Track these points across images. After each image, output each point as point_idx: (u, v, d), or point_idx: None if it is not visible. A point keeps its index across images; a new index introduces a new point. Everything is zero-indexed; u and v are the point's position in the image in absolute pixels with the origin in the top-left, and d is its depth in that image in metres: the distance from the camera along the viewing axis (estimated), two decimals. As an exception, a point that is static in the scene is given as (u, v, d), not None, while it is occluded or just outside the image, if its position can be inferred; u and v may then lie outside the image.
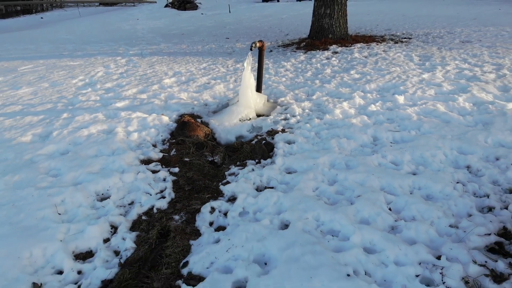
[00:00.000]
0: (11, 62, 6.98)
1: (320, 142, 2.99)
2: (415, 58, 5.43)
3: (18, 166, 2.84)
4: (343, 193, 2.33)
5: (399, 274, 1.70)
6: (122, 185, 2.53)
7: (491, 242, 1.89)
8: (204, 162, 2.89)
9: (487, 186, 2.32)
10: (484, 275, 1.68)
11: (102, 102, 4.06)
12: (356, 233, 1.94)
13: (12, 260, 1.94)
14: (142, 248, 2.03)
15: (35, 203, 2.35)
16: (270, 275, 1.73)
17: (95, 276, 1.89)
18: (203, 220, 2.23)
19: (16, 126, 3.58)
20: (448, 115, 3.31)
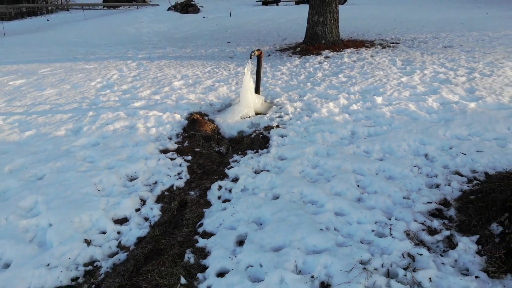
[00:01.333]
0: (29, 65, 7.57)
1: (307, 136, 3.60)
2: (398, 62, 6.03)
3: (57, 155, 3.44)
4: (322, 174, 2.94)
5: (360, 230, 2.31)
6: (147, 169, 3.14)
7: (432, 209, 2.49)
8: (212, 152, 3.49)
9: (438, 169, 2.93)
10: (421, 229, 2.29)
11: (122, 102, 4.67)
12: (330, 202, 2.54)
13: (66, 224, 2.54)
14: (166, 215, 2.64)
15: (78, 182, 2.95)
16: (264, 230, 2.34)
17: (131, 235, 2.49)
18: (213, 195, 2.84)
19: (49, 123, 4.18)
20: (417, 113, 3.91)
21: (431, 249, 2.16)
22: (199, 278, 2.08)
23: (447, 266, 2.03)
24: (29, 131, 3.99)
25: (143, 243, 2.39)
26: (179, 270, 2.12)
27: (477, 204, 2.46)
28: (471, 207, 2.45)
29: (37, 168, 3.22)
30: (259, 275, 2.04)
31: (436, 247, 2.18)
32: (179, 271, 2.11)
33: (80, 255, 2.32)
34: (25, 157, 3.42)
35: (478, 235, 2.21)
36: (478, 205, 2.45)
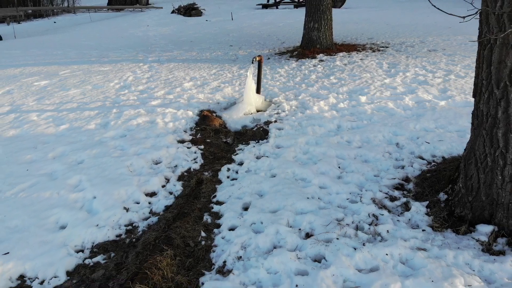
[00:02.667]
0: (48, 67, 8.25)
1: (300, 129, 4.28)
2: (384, 65, 6.71)
3: (92, 144, 4.13)
4: (311, 159, 3.62)
5: (337, 198, 2.99)
6: (168, 155, 3.82)
7: (395, 183, 3.18)
8: (220, 142, 4.18)
9: (405, 154, 3.61)
10: (385, 197, 2.97)
11: (140, 101, 5.35)
12: (315, 179, 3.23)
13: (108, 196, 3.23)
14: (186, 189, 3.32)
15: (113, 165, 3.64)
16: (263, 199, 3.02)
17: (160, 204, 3.17)
18: (223, 175, 3.52)
19: (79, 118, 4.87)
20: (394, 110, 4.60)
21: (391, 211, 2.84)
22: (215, 232, 2.77)
23: (402, 223, 2.71)
24: (63, 125, 4.67)
25: (170, 209, 3.08)
26: (200, 227, 2.81)
27: (431, 180, 3.15)
28: (426, 182, 3.14)
29: (77, 155, 3.91)
30: (260, 229, 2.72)
31: (395, 210, 2.86)
32: (199, 227, 2.80)
33: (121, 219, 3.00)
34: (64, 146, 4.11)
35: (428, 201, 2.90)
36: (431, 180, 3.14)
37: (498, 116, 2.45)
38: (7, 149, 4.20)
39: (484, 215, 2.64)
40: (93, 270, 2.58)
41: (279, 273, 2.32)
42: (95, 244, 2.78)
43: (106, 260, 2.64)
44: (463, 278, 2.17)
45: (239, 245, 2.58)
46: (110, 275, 2.51)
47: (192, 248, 2.63)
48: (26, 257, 2.66)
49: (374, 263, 2.33)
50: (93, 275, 2.53)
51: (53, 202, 3.19)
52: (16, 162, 3.89)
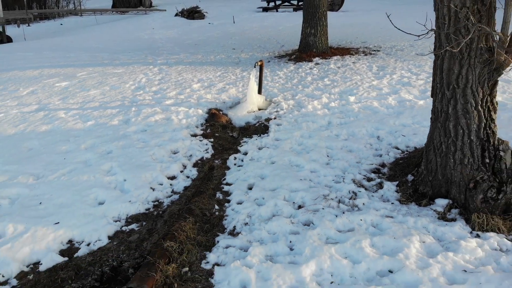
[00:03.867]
0: (65, 69, 8.92)
1: (296, 125, 4.96)
2: (374, 68, 7.38)
3: (117, 137, 4.80)
4: (304, 149, 4.30)
5: (325, 179, 3.67)
6: (184, 146, 4.50)
7: (373, 168, 3.86)
8: (227, 136, 4.86)
9: (384, 145, 4.29)
10: (363, 179, 3.65)
11: (155, 100, 6.03)
12: (307, 165, 3.91)
13: (136, 179, 3.90)
14: (201, 174, 4.00)
15: (138, 155, 4.31)
16: (265, 180, 3.70)
17: (180, 185, 3.85)
18: (231, 162, 4.21)
19: (103, 116, 5.55)
20: (378, 108, 5.27)
21: (367, 189, 3.52)
22: (225, 206, 3.45)
23: (375, 197, 3.39)
24: (90, 121, 5.35)
25: (188, 189, 3.76)
26: (214, 202, 3.49)
27: (402, 165, 3.83)
28: (398, 166, 3.82)
29: (105, 146, 4.58)
30: (262, 203, 3.39)
31: (371, 188, 3.54)
32: (213, 202, 3.48)
33: (149, 196, 3.68)
34: (93, 139, 4.79)
35: (398, 181, 3.58)
36: (402, 165, 3.82)
37: (449, 112, 3.13)
38: (43, 142, 4.87)
39: (442, 191, 3.31)
40: (129, 234, 3.25)
41: (277, 234, 3.00)
42: (129, 216, 3.46)
43: (139, 227, 3.32)
44: (419, 236, 2.85)
45: (246, 215, 3.26)
46: (143, 237, 3.19)
47: (208, 217, 3.31)
48: (73, 226, 3.33)
49: (350, 226, 3.01)
50: (129, 238, 3.21)
51: (91, 183, 3.87)
52: (53, 152, 4.56)
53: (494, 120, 3.13)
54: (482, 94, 3.01)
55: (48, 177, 4.07)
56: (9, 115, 5.90)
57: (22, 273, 2.94)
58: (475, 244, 2.75)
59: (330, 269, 2.60)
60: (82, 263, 3.00)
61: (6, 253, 3.05)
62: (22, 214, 3.48)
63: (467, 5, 2.80)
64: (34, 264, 3.03)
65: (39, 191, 3.82)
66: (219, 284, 2.57)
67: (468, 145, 3.10)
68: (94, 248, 3.14)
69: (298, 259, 2.69)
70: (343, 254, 2.71)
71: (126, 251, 3.06)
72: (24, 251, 3.09)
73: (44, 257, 3.05)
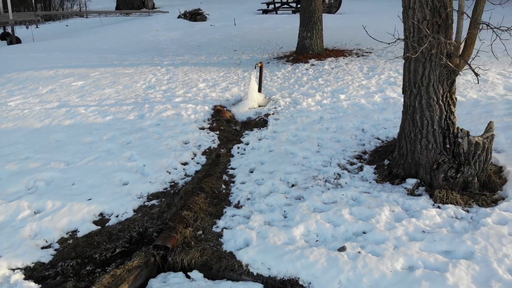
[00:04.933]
0: (78, 69, 9.57)
1: (291, 119, 5.61)
2: (365, 69, 8.03)
3: (134, 130, 5.46)
4: (298, 140, 4.96)
5: (315, 164, 4.32)
6: (193, 137, 5.15)
7: (356, 155, 4.51)
8: (231, 129, 5.52)
9: (367, 136, 4.94)
10: (347, 163, 4.30)
11: (166, 98, 6.69)
12: (300, 152, 4.56)
13: (154, 164, 4.55)
14: (209, 160, 4.66)
15: (155, 144, 4.97)
16: (264, 165, 4.36)
17: (191, 169, 4.51)
18: (234, 151, 4.86)
19: (120, 111, 6.20)
20: (365, 105, 5.93)
21: (350, 171, 4.18)
22: (231, 185, 4.11)
23: (356, 178, 4.05)
24: (108, 116, 6.00)
25: (199, 172, 4.42)
26: (221, 182, 4.14)
27: (381, 152, 4.48)
28: (377, 153, 4.48)
29: (125, 137, 5.24)
30: (261, 183, 4.05)
31: (353, 171, 4.20)
32: (221, 182, 4.13)
33: (166, 178, 4.33)
34: (113, 132, 5.44)
35: (376, 165, 4.23)
36: (381, 152, 4.48)
37: (416, 106, 3.78)
38: (69, 134, 5.52)
39: (412, 172, 3.97)
40: (151, 208, 3.91)
41: (273, 206, 3.65)
42: (150, 194, 4.12)
43: (159, 202, 3.98)
44: (389, 207, 3.50)
45: (248, 192, 3.92)
46: (163, 210, 3.85)
47: (217, 194, 3.97)
48: (103, 202, 3.99)
49: (334, 199, 3.67)
50: (152, 210, 3.87)
51: (115, 168, 4.53)
52: (79, 143, 5.22)
53: (453, 113, 3.78)
54: (442, 91, 3.66)
55: (77, 163, 4.72)
56: (34, 111, 6.55)
57: (63, 239, 3.59)
58: (435, 213, 3.40)
59: (316, 230, 3.26)
60: (113, 230, 3.66)
61: (47, 224, 3.70)
62: (58, 193, 4.14)
63: (427, 19, 3.46)
64: (72, 232, 3.68)
65: (70, 174, 4.47)
66: (227, 242, 3.23)
67: (432, 133, 3.75)
68: (122, 219, 3.79)
69: (290, 223, 3.35)
70: (327, 219, 3.37)
71: (150, 221, 3.73)
72: (63, 221, 3.75)
73: (81, 226, 3.71)
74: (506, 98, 6.04)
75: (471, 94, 6.18)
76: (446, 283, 2.64)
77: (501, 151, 4.42)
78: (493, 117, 5.32)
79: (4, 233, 3.59)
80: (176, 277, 3.06)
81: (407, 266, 2.84)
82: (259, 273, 2.94)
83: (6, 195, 4.15)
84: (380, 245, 3.02)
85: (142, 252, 3.21)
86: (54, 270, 3.25)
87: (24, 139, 5.45)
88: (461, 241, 3.02)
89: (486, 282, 2.66)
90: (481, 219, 3.28)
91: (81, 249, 3.44)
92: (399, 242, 3.06)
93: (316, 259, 2.90)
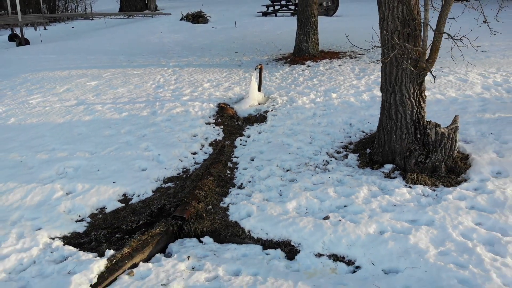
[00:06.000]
0: (91, 70, 10.25)
1: (288, 115, 6.31)
2: (356, 70, 8.72)
3: (148, 125, 6.15)
4: (293, 133, 5.65)
5: (307, 153, 5.02)
6: (201, 131, 5.85)
7: (343, 145, 5.20)
8: (234, 124, 6.22)
9: (354, 130, 5.63)
10: (334, 152, 5.00)
11: (174, 97, 7.38)
12: (295, 143, 5.26)
13: (168, 154, 5.24)
14: (215, 151, 5.36)
15: (167, 137, 5.66)
16: (263, 154, 5.06)
17: (200, 158, 5.20)
18: (237, 143, 5.56)
19: (134, 108, 6.89)
20: (354, 103, 6.62)
21: (337, 159, 4.87)
22: (235, 170, 4.80)
23: (341, 164, 4.74)
24: (124, 113, 6.69)
25: (207, 160, 5.11)
26: (226, 168, 4.84)
27: (364, 143, 5.17)
28: (361, 144, 5.17)
29: (140, 131, 5.93)
30: (261, 168, 4.74)
31: (339, 158, 4.89)
32: (226, 168, 4.83)
33: (179, 165, 5.02)
34: (129, 126, 6.13)
35: (359, 153, 4.93)
36: (364, 143, 5.17)
37: (391, 102, 4.47)
38: (90, 128, 6.21)
39: (389, 159, 4.66)
40: (167, 189, 4.60)
41: (271, 186, 4.34)
42: (165, 178, 4.81)
43: (174, 185, 4.67)
44: (368, 186, 4.19)
45: (249, 176, 4.61)
46: (178, 190, 4.54)
47: (223, 178, 4.67)
48: (126, 184, 4.68)
49: (322, 181, 4.36)
50: (168, 191, 4.56)
51: (134, 157, 5.22)
52: (100, 136, 5.90)
53: (423, 108, 4.47)
54: (413, 89, 4.35)
55: (100, 153, 5.41)
56: (55, 108, 7.24)
57: (93, 214, 4.28)
58: (405, 191, 4.09)
59: (306, 205, 3.96)
60: (135, 207, 4.36)
61: (79, 202, 4.39)
62: (86, 177, 4.83)
63: (398, 29, 4.15)
64: (101, 208, 4.37)
65: (95, 162, 5.16)
66: (232, 214, 3.93)
67: (405, 125, 4.44)
68: (142, 198, 4.49)
69: (284, 200, 4.05)
70: (315, 196, 4.06)
71: (167, 199, 4.42)
72: (93, 200, 4.43)
73: (108, 204, 4.40)
74: (482, 96, 6.73)
75: (451, 92, 6.87)
76: (408, 242, 3.33)
77: (470, 141, 5.10)
78: (467, 113, 6.03)
79: (42, 209, 4.27)
80: (191, 242, 3.75)
81: (378, 231, 3.53)
82: (258, 237, 3.63)
83: (40, 179, 4.83)
84: (358, 215, 3.72)
85: (162, 222, 3.90)
86: (88, 238, 3.94)
87: (49, 133, 6.13)
88: (424, 212, 3.71)
89: (441, 242, 3.35)
90: (444, 196, 3.97)
91: (110, 222, 4.13)
92: (373, 213, 3.75)
93: (305, 225, 3.60)
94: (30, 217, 4.15)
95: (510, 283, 2.94)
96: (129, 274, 3.29)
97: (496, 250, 3.25)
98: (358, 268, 3.25)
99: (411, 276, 3.06)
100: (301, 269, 3.28)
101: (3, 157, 5.40)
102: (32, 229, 3.94)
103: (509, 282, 2.94)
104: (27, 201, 4.40)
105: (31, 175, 4.91)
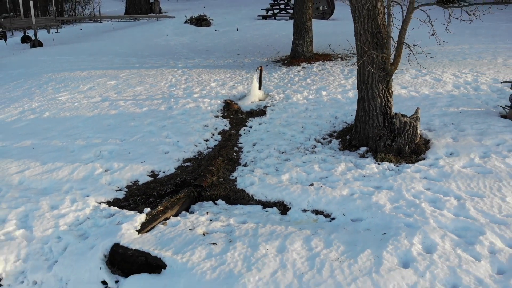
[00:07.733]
0: (107, 71, 11.39)
1: (284, 110, 7.47)
2: (345, 71, 9.87)
3: (167, 118, 7.30)
4: (288, 124, 6.81)
5: (299, 139, 6.18)
6: (211, 123, 7.01)
7: (328, 133, 6.36)
8: (238, 117, 7.38)
9: (338, 121, 6.79)
10: (321, 138, 6.16)
11: (186, 95, 8.53)
12: (289, 132, 6.42)
13: (185, 140, 6.40)
14: (223, 138, 6.52)
15: (183, 127, 6.82)
16: (263, 141, 6.23)
17: (211, 144, 6.37)
18: (242, 132, 6.73)
19: (152, 104, 8.04)
20: (340, 99, 7.77)
21: (322, 144, 6.03)
22: (240, 153, 5.96)
23: (326, 147, 5.90)
24: (144, 108, 7.85)
25: (217, 146, 6.27)
26: (233, 151, 6.00)
27: (345, 131, 6.34)
28: (343, 132, 6.33)
29: (160, 122, 7.09)
30: (261, 151, 5.90)
31: (324, 143, 6.05)
32: (233, 151, 5.99)
33: (194, 149, 6.19)
34: (151, 119, 7.29)
35: (340, 139, 6.09)
36: (345, 131, 6.33)
37: (365, 97, 5.62)
38: (117, 120, 7.36)
39: (364, 143, 5.80)
40: (187, 167, 5.76)
41: (269, 164, 5.50)
42: (184, 159, 5.97)
43: (192, 164, 5.83)
44: (345, 163, 5.34)
45: (252, 157, 5.77)
46: (195, 168, 5.70)
47: (231, 158, 5.83)
48: (153, 163, 5.82)
49: (309, 160, 5.51)
50: (187, 168, 5.72)
51: (158, 143, 6.37)
52: (126, 126, 7.05)
53: (390, 102, 5.62)
54: (381, 87, 5.50)
55: (128, 140, 6.56)
56: (83, 104, 8.39)
57: (129, 185, 5.43)
58: (374, 166, 5.24)
59: (296, 177, 5.11)
60: (162, 180, 5.51)
61: (117, 176, 5.53)
62: (120, 158, 5.98)
63: (368, 40, 5.30)
64: (135, 181, 5.51)
65: (125, 147, 6.31)
66: (239, 183, 5.08)
67: (376, 116, 5.59)
68: (167, 174, 5.64)
69: (280, 173, 5.21)
70: (303, 171, 5.21)
71: (187, 174, 5.58)
72: (127, 175, 5.58)
73: (140, 178, 5.55)
74: (451, 93, 7.88)
75: (424, 90, 8.03)
76: (371, 200, 4.48)
77: (433, 130, 6.24)
78: (435, 107, 7.18)
79: (88, 182, 5.41)
80: (208, 204, 4.90)
81: (349, 193, 4.68)
82: (259, 199, 4.79)
83: (82, 160, 5.97)
84: (335, 183, 4.87)
85: (185, 190, 5.05)
86: (127, 202, 5.08)
87: (82, 124, 7.29)
88: (386, 180, 4.86)
89: (396, 200, 4.48)
90: (404, 170, 5.11)
91: (143, 191, 5.29)
92: (347, 181, 4.91)
93: (295, 190, 4.76)
94: (78, 187, 5.28)
95: (443, 226, 4.09)
96: (163, 224, 4.45)
97: (437, 206, 4.38)
98: (333, 219, 4.40)
99: (370, 223, 4.21)
100: (291, 220, 4.44)
101: (47, 143, 6.55)
102: (82, 196, 5.07)
103: (442, 226, 4.09)
104: (74, 176, 5.54)
105: (74, 156, 6.06)
